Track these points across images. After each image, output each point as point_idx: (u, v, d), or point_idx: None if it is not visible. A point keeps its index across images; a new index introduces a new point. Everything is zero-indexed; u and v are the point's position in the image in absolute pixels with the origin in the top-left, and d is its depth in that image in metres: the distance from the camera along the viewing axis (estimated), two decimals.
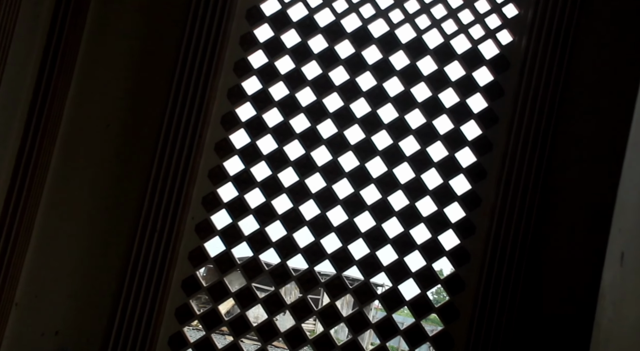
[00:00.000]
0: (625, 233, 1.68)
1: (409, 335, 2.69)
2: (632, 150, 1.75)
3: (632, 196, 1.70)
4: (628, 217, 1.69)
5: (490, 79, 2.74)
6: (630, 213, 1.68)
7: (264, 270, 2.71)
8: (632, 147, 1.75)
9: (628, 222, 1.68)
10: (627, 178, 1.75)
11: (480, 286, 2.59)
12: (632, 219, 1.67)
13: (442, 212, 2.71)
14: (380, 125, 2.76)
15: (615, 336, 1.62)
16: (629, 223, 1.67)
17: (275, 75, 2.78)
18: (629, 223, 1.67)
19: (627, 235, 1.67)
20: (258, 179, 2.73)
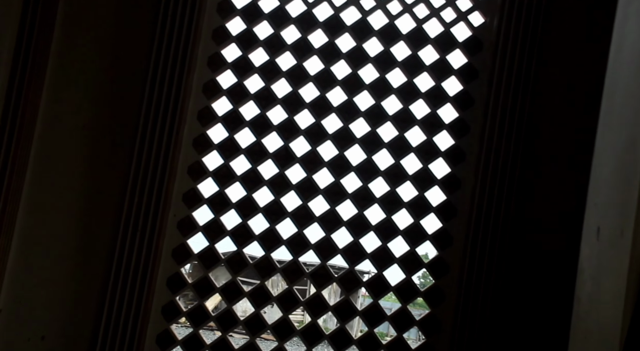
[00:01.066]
0: (600, 208, 1.70)
1: (396, 320, 2.71)
2: (603, 125, 1.76)
3: (604, 171, 1.71)
4: (602, 191, 1.71)
5: (464, 61, 2.75)
6: (604, 188, 1.70)
7: (248, 263, 2.70)
8: (603, 122, 1.77)
9: (602, 197, 1.70)
10: (599, 153, 1.77)
11: (464, 268, 2.61)
12: (605, 194, 1.68)
13: (423, 196, 2.72)
14: (358, 113, 2.76)
15: (595, 309, 1.64)
16: (603, 197, 1.69)
17: (250, 68, 2.77)
18: (603, 197, 1.69)
19: (601, 209, 1.69)
20: (238, 173, 2.72)
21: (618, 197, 1.61)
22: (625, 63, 1.71)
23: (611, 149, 1.70)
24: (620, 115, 1.67)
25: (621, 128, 1.66)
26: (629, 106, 1.62)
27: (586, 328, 1.67)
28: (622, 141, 1.64)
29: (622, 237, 1.56)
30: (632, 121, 1.60)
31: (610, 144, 1.71)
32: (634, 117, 1.59)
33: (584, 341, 1.68)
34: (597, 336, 1.60)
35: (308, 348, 2.66)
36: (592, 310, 1.66)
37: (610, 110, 1.75)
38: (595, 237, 1.68)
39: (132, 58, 2.67)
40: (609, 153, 1.71)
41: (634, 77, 1.63)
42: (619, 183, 1.62)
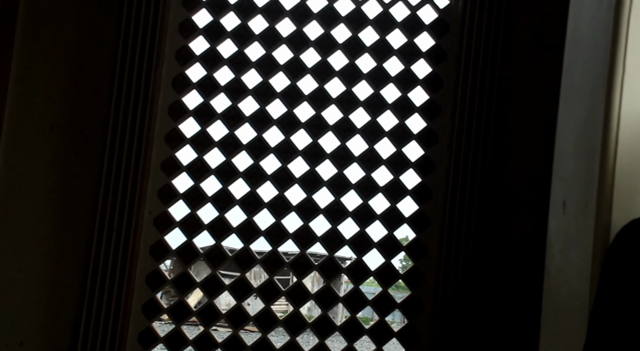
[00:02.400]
0: (565, 182, 1.71)
1: (378, 304, 2.72)
2: (564, 101, 1.78)
3: (568, 146, 1.73)
4: (566, 165, 1.72)
5: (432, 44, 2.75)
6: (568, 162, 1.71)
7: (227, 256, 2.70)
8: (564, 98, 1.78)
9: (566, 171, 1.71)
10: (562, 128, 1.78)
11: (441, 248, 2.62)
12: (570, 167, 1.70)
13: (398, 180, 2.73)
14: (330, 100, 2.76)
15: (564, 282, 1.66)
16: (568, 171, 1.70)
17: (219, 60, 2.76)
18: (568, 171, 1.70)
19: (566, 183, 1.71)
20: (212, 166, 2.72)
21: (581, 170, 1.63)
22: (582, 40, 1.72)
23: (572, 123, 1.71)
24: (579, 90, 1.69)
25: (580, 103, 1.67)
26: (587, 81, 1.64)
27: (557, 300, 1.69)
28: (582, 115, 1.65)
29: (586, 209, 1.58)
30: (590, 95, 1.61)
31: (571, 119, 1.72)
32: (592, 91, 1.60)
33: (555, 314, 1.70)
34: (567, 308, 1.62)
35: (292, 337, 2.67)
36: (562, 283, 1.67)
37: (570, 86, 1.76)
38: (562, 210, 1.70)
39: (99, 54, 2.65)
40: (571, 128, 1.72)
41: (590, 53, 1.64)
42: (581, 156, 1.64)
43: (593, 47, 1.63)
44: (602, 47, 1.58)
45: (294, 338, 2.66)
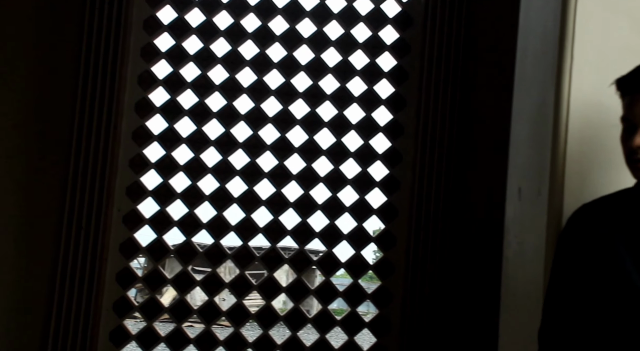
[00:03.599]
0: (520, 168, 1.75)
1: (349, 295, 2.75)
2: (518, 88, 1.81)
3: (522, 133, 1.76)
4: (521, 152, 1.76)
5: (397, 37, 2.78)
6: (523, 149, 1.75)
7: (198, 252, 2.72)
8: (518, 86, 1.82)
9: (521, 158, 1.75)
10: (516, 117, 1.82)
11: (410, 238, 2.66)
12: (524, 154, 1.74)
13: (366, 172, 2.76)
14: (296, 94, 2.78)
15: (521, 266, 1.70)
16: (522, 158, 1.74)
17: (185, 56, 2.76)
18: (522, 158, 1.74)
19: (521, 170, 1.74)
20: (181, 163, 2.73)
21: (535, 158, 1.66)
22: (532, 30, 1.76)
23: (526, 113, 1.75)
24: (531, 80, 1.72)
25: (533, 91, 1.71)
26: (538, 71, 1.67)
27: (514, 285, 1.73)
28: (535, 104, 1.69)
29: (539, 195, 1.62)
30: (541, 85, 1.65)
31: (524, 108, 1.76)
32: (543, 79, 1.64)
33: (512, 298, 1.74)
34: (524, 291, 1.66)
35: (264, 330, 2.69)
36: (518, 268, 1.71)
37: (522, 76, 1.80)
38: (518, 197, 1.74)
39: (62, 53, 2.64)
40: (525, 115, 1.76)
41: (540, 42, 1.68)
42: (534, 144, 1.68)
43: (542, 37, 1.67)
44: (551, 37, 1.62)
45: (267, 331, 2.68)
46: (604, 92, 1.44)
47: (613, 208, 1.49)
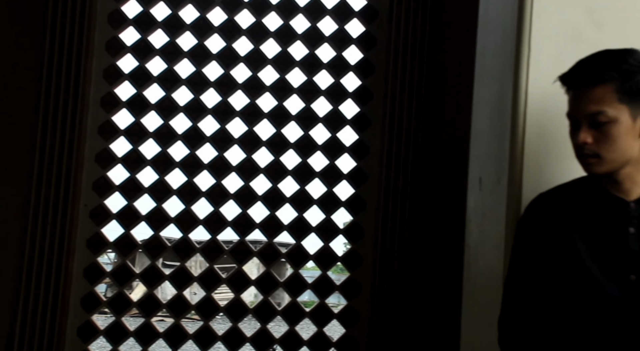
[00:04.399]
0: (481, 159, 1.79)
1: (318, 287, 2.77)
2: (478, 81, 1.85)
3: (482, 124, 1.80)
4: (481, 143, 1.79)
5: (363, 30, 2.80)
6: (482, 140, 1.78)
7: (166, 246, 2.71)
8: (478, 78, 1.85)
9: (481, 149, 1.79)
10: (477, 108, 1.85)
11: (377, 230, 2.69)
12: (484, 145, 1.77)
13: (334, 165, 2.78)
14: (263, 88, 2.78)
15: (482, 255, 1.74)
16: (482, 149, 1.78)
17: (150, 50, 2.75)
18: (482, 149, 1.78)
19: (482, 160, 1.78)
20: (148, 157, 2.71)
21: (494, 148, 1.70)
22: (492, 22, 1.79)
23: (486, 103, 1.78)
24: (491, 71, 1.76)
25: (492, 83, 1.74)
26: (498, 62, 1.71)
27: (475, 273, 1.77)
28: (494, 95, 1.72)
29: (499, 185, 1.65)
30: (500, 75, 1.68)
31: (484, 99, 1.79)
32: (501, 71, 1.67)
33: (474, 286, 1.78)
34: (485, 279, 1.70)
35: (233, 323, 2.70)
36: (479, 256, 1.75)
37: (482, 67, 1.83)
38: (478, 187, 1.77)
39: (26, 48, 2.61)
40: (484, 107, 1.79)
41: (499, 35, 1.71)
42: (494, 134, 1.71)
43: (501, 30, 1.70)
44: (508, 30, 1.65)
45: (236, 324, 2.69)
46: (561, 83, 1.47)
47: (568, 196, 1.53)
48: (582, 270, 1.47)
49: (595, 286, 1.47)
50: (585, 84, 1.43)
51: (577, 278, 1.48)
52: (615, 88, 1.40)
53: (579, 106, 1.44)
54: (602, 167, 1.46)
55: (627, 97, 1.41)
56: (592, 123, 1.43)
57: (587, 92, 1.42)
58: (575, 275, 1.48)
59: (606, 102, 1.41)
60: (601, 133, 1.43)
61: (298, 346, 2.72)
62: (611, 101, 1.41)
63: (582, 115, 1.44)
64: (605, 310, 1.47)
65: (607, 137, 1.43)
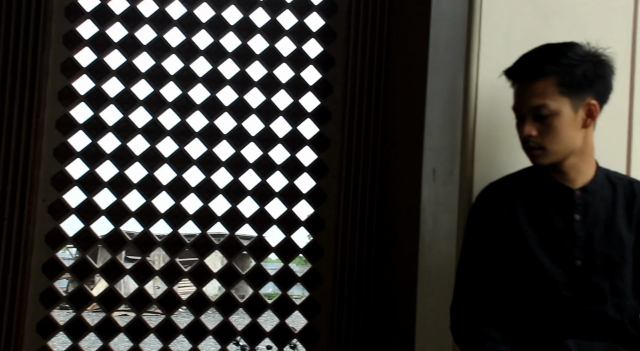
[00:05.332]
0: (434, 151, 1.83)
1: (280, 279, 2.79)
2: (432, 73, 1.88)
3: (435, 116, 1.84)
4: (435, 135, 1.83)
5: (322, 24, 2.82)
6: (436, 131, 1.82)
7: (127, 240, 2.70)
8: (431, 71, 1.89)
9: (435, 140, 1.83)
10: (430, 100, 1.89)
11: (338, 222, 2.72)
12: (438, 137, 1.81)
13: (295, 157, 2.79)
14: (224, 82, 2.79)
15: (435, 244, 1.78)
16: (436, 141, 1.82)
17: (109, 43, 2.73)
18: (436, 141, 1.82)
19: (435, 152, 1.82)
20: (107, 151, 2.70)
21: (447, 139, 1.74)
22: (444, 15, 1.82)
23: (439, 95, 1.82)
24: (443, 64, 1.79)
25: (445, 75, 1.78)
26: (450, 54, 1.74)
27: (429, 262, 1.81)
28: (446, 87, 1.76)
29: (451, 175, 1.69)
30: (452, 68, 1.72)
31: (437, 91, 1.83)
32: (453, 64, 1.71)
33: (428, 275, 1.82)
34: (438, 268, 1.74)
35: (195, 316, 2.70)
36: (433, 245, 1.79)
37: (435, 60, 1.87)
38: (432, 178, 1.81)
39: None
40: (438, 100, 1.83)
41: (451, 29, 1.75)
42: (446, 126, 1.75)
43: (452, 22, 1.74)
44: (459, 23, 1.69)
45: (198, 317, 2.70)
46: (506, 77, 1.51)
47: (517, 186, 1.58)
48: (530, 256, 1.52)
49: (543, 272, 1.52)
50: (528, 78, 1.47)
51: (526, 264, 1.53)
52: (556, 82, 1.45)
53: (523, 100, 1.49)
54: (547, 158, 1.51)
55: (568, 90, 1.46)
56: (536, 116, 1.48)
57: (530, 85, 1.47)
58: (524, 261, 1.53)
59: (548, 96, 1.46)
60: (545, 125, 1.48)
61: (261, 338, 2.74)
62: (553, 94, 1.46)
63: (526, 108, 1.49)
64: (552, 296, 1.52)
65: (551, 129, 1.47)
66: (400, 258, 2.46)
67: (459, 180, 1.66)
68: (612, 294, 1.53)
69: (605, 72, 1.50)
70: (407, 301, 2.03)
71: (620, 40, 1.73)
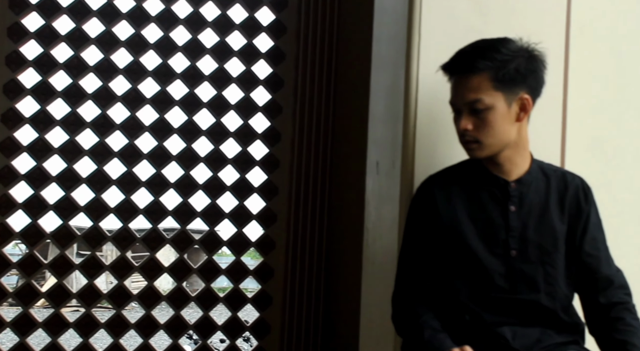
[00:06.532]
0: (378, 144, 1.86)
1: (232, 272, 2.80)
2: (375, 68, 1.92)
3: (379, 110, 1.87)
4: (378, 128, 1.87)
5: (273, 18, 2.83)
6: (379, 125, 1.86)
7: (76, 235, 2.68)
8: (375, 65, 1.92)
9: (378, 133, 1.86)
10: (374, 93, 1.92)
11: (290, 215, 2.74)
12: (381, 130, 1.84)
13: (246, 151, 2.80)
14: (174, 75, 2.77)
15: (379, 236, 1.82)
16: (379, 134, 1.85)
17: (55, 36, 2.69)
18: (379, 134, 1.85)
19: (379, 145, 1.85)
20: (55, 145, 2.66)
21: (389, 132, 1.77)
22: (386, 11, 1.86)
23: (382, 89, 1.85)
24: (385, 57, 1.83)
25: (387, 69, 1.81)
26: (392, 49, 1.78)
27: (373, 253, 1.85)
28: (389, 81, 1.80)
29: (394, 168, 1.73)
30: (394, 62, 1.75)
31: (380, 84, 1.87)
32: (395, 58, 1.75)
33: (372, 266, 1.86)
34: (381, 259, 1.78)
35: (147, 311, 2.70)
36: (377, 237, 1.83)
37: (378, 54, 1.90)
38: (376, 170, 1.85)
39: None
40: (381, 93, 1.86)
41: (393, 23, 1.78)
42: (389, 119, 1.79)
43: (394, 17, 1.77)
44: (401, 19, 1.72)
45: (149, 311, 2.69)
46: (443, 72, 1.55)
47: (455, 178, 1.63)
48: (466, 247, 1.57)
49: (479, 262, 1.57)
50: (463, 73, 1.52)
51: (463, 255, 1.57)
52: (490, 77, 1.50)
53: (459, 94, 1.53)
54: (483, 152, 1.56)
55: (502, 84, 1.51)
56: (472, 111, 1.52)
57: (465, 80, 1.52)
58: (461, 252, 1.58)
59: (482, 90, 1.50)
60: (480, 120, 1.52)
61: (213, 331, 2.75)
62: (487, 89, 1.50)
63: (462, 102, 1.53)
64: (488, 285, 1.57)
65: (485, 123, 1.52)
66: (347, 250, 2.49)
67: (400, 173, 1.69)
68: (545, 283, 1.59)
69: (538, 67, 1.56)
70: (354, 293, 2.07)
71: (554, 36, 1.79)
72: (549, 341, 1.56)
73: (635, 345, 1.52)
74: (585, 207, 1.63)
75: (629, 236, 1.86)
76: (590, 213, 1.63)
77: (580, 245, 1.62)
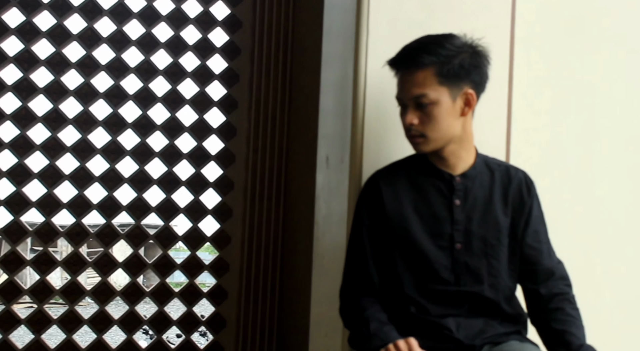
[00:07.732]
0: (328, 138, 1.88)
1: (188, 267, 2.79)
2: (325, 62, 1.93)
3: (328, 104, 1.89)
4: (328, 123, 1.89)
5: (228, 12, 2.82)
6: (329, 120, 1.88)
7: (27, 231, 2.64)
8: (325, 59, 1.94)
9: (328, 128, 1.88)
10: (324, 88, 1.94)
11: (245, 210, 2.75)
12: (330, 125, 1.86)
13: (201, 146, 2.80)
14: (128, 70, 2.75)
15: (328, 230, 1.84)
16: (329, 128, 1.87)
17: (5, 29, 2.64)
18: (329, 128, 1.87)
19: (329, 139, 1.87)
20: (5, 140, 2.62)
21: (338, 127, 1.79)
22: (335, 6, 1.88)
23: (331, 84, 1.87)
24: (335, 53, 1.85)
25: (336, 65, 1.83)
26: (340, 44, 1.80)
27: (323, 248, 1.86)
28: (338, 76, 1.82)
29: (342, 162, 1.75)
30: (342, 57, 1.77)
31: (330, 79, 1.88)
32: (343, 53, 1.77)
33: (321, 260, 1.88)
34: (330, 253, 1.80)
35: (100, 306, 2.68)
36: (326, 232, 1.85)
37: (328, 49, 1.92)
38: (326, 165, 1.86)
39: None
40: (331, 88, 1.88)
41: (342, 18, 1.80)
42: (338, 114, 1.80)
43: (343, 12, 1.79)
44: (349, 14, 1.74)
45: (103, 307, 2.67)
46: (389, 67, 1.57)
47: (401, 172, 1.65)
48: (412, 240, 1.59)
49: (424, 256, 1.59)
50: (409, 68, 1.54)
51: (408, 248, 1.60)
52: (435, 72, 1.52)
53: (405, 89, 1.55)
54: (428, 146, 1.58)
55: (446, 79, 1.53)
56: (417, 105, 1.55)
57: (411, 75, 1.54)
58: (407, 245, 1.60)
59: (427, 85, 1.53)
60: (425, 114, 1.55)
61: (168, 326, 2.74)
62: (432, 84, 1.53)
63: (407, 97, 1.55)
64: (433, 278, 1.60)
65: (431, 118, 1.55)
66: (300, 244, 2.51)
67: (349, 168, 1.71)
68: (488, 275, 1.62)
69: (481, 62, 1.59)
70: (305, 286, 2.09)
71: (499, 31, 1.83)
72: (492, 331, 1.60)
73: (573, 333, 1.57)
74: (528, 200, 1.66)
75: (570, 228, 1.91)
76: (533, 206, 1.67)
77: (522, 237, 1.66)
